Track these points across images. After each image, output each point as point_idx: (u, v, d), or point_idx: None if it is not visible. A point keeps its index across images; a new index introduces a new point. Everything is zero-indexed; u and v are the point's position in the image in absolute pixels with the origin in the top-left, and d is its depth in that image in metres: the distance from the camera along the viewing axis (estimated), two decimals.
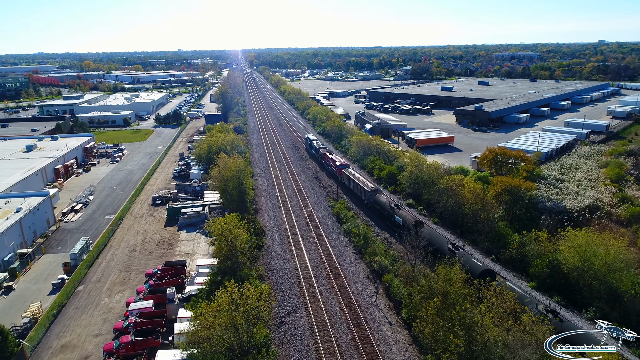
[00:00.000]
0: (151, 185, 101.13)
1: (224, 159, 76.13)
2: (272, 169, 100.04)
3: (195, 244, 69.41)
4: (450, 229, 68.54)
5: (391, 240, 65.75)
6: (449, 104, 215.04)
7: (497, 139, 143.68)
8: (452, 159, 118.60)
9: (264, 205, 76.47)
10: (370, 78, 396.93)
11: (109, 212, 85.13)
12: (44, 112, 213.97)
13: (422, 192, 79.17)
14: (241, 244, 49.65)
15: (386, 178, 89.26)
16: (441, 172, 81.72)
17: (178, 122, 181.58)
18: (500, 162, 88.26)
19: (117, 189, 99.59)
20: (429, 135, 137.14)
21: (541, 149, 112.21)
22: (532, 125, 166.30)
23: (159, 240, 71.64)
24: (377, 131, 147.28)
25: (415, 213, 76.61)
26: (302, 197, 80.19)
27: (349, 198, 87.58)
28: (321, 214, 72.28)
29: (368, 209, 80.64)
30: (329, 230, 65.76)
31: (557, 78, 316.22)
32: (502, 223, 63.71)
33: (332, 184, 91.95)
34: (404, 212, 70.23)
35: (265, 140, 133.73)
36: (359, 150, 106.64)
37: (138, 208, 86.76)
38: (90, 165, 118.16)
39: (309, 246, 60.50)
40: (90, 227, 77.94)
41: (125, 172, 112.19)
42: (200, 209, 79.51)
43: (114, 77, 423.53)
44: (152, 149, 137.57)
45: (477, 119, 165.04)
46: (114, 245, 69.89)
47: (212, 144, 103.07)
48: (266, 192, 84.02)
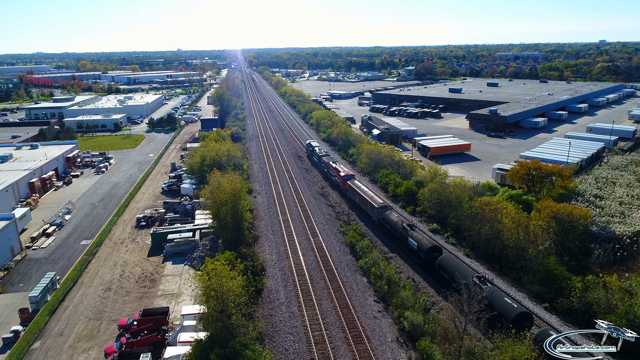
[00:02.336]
0: (137, 201, 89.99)
1: (217, 178, 64.99)
2: (273, 184, 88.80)
3: (183, 280, 58.29)
4: (487, 262, 57.53)
5: (411, 273, 54.97)
6: (458, 106, 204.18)
7: (516, 146, 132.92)
8: (470, 170, 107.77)
9: (264, 232, 65.27)
10: (372, 79, 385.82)
11: (86, 236, 74.00)
12: (31, 115, 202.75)
13: (448, 215, 68.13)
14: (235, 298, 38.57)
15: (403, 196, 78.15)
16: (469, 190, 70.63)
17: (172, 127, 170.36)
18: (533, 177, 77.32)
19: (99, 206, 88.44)
20: (444, 142, 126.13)
21: (571, 159, 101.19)
22: (551, 130, 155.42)
23: (139, 274, 60.50)
24: (385, 137, 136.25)
25: (429, 235, 65.83)
26: (308, 221, 68.98)
27: (354, 212, 77.32)
28: (332, 244, 61.06)
29: (376, 227, 70.63)
30: (342, 267, 54.59)
31: (567, 79, 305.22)
32: (551, 259, 52.65)
33: (341, 202, 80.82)
34: (419, 235, 59.96)
35: (265, 148, 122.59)
36: (370, 161, 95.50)
37: (119, 231, 75.60)
38: (72, 177, 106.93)
39: (320, 292, 48.98)
40: (62, 256, 66.78)
41: (110, 185, 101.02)
42: (190, 234, 68.39)
43: (110, 78, 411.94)
44: (142, 158, 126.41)
45: (492, 124, 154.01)
46: (86, 282, 58.74)
47: (206, 155, 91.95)
48: (266, 214, 72.77)
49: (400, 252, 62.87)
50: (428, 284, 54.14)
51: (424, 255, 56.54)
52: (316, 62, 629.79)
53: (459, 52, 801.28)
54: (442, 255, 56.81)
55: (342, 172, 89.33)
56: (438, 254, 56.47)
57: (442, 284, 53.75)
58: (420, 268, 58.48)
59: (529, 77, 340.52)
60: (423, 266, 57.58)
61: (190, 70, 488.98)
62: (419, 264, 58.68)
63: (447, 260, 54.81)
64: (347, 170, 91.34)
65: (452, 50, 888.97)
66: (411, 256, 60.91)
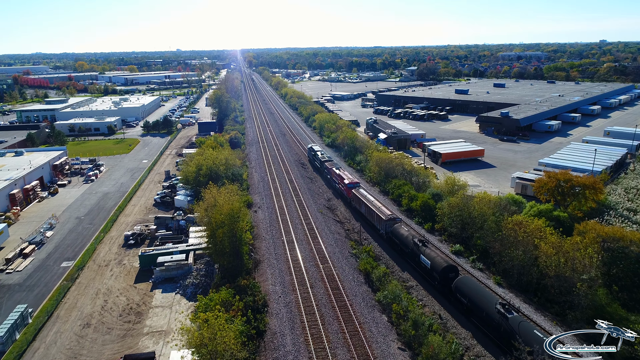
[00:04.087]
0: (127, 215, 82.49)
1: (213, 193, 57.52)
2: (275, 196, 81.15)
3: (173, 313, 50.84)
4: (522, 293, 50.09)
5: (434, 305, 47.72)
6: (466, 108, 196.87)
7: (531, 152, 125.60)
8: (486, 178, 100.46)
9: (266, 256, 57.62)
10: (374, 79, 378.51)
11: (68, 257, 66.54)
12: (22, 117, 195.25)
13: (472, 235, 60.69)
14: (231, 356, 31.08)
15: (419, 211, 70.62)
16: (493, 206, 63.19)
17: (168, 130, 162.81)
18: (563, 190, 69.92)
19: (85, 220, 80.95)
20: (455, 147, 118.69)
21: (596, 167, 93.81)
22: (565, 134, 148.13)
23: (124, 306, 53.01)
24: (393, 142, 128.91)
25: (443, 252, 58.59)
26: (315, 242, 61.32)
27: (360, 222, 70.75)
28: (344, 271, 53.43)
29: (384, 241, 64.63)
30: (357, 302, 46.99)
31: (574, 79, 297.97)
32: (601, 291, 45.28)
33: (350, 217, 73.29)
34: (432, 253, 53.70)
35: (266, 154, 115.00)
36: (380, 170, 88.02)
37: (105, 251, 68.09)
38: (59, 186, 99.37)
39: (334, 337, 40.60)
40: (38, 282, 59.32)
41: (98, 196, 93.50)
42: (183, 256, 60.92)
43: (107, 79, 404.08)
44: (136, 164, 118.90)
45: (504, 127, 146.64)
46: (62, 316, 51.25)
47: (202, 164, 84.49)
48: (268, 232, 65.07)
49: (411, 270, 57.10)
50: (450, 314, 46.97)
51: (439, 276, 50.63)
52: (316, 62, 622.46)
53: (460, 52, 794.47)
54: (459, 276, 50.90)
55: (347, 179, 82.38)
56: (454, 274, 50.60)
57: (459, 308, 48.11)
58: (432, 288, 52.83)
59: (534, 77, 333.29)
60: (437, 287, 51.85)
61: (189, 70, 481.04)
62: (433, 284, 52.84)
63: (466, 283, 48.48)
64: (352, 178, 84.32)
65: (453, 50, 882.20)
66: (423, 275, 55.03)
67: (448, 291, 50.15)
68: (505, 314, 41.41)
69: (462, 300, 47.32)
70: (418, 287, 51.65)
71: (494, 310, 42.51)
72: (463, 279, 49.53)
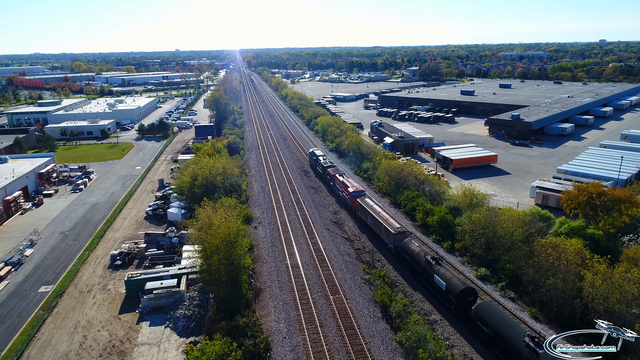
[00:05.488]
0: (115, 230, 75.78)
1: (208, 213, 50.80)
2: (277, 210, 74.30)
3: (161, 353, 44.13)
4: (563, 329, 43.41)
5: (464, 345, 41.18)
6: (472, 110, 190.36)
7: (546, 157, 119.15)
8: (501, 186, 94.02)
9: (268, 284, 50.79)
10: (376, 79, 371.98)
11: (47, 280, 59.88)
12: (13, 120, 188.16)
13: (500, 257, 54.07)
14: None
15: (436, 227, 63.99)
16: (521, 224, 56.62)
17: (164, 134, 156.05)
18: (595, 204, 63.36)
19: (70, 235, 74.26)
20: (467, 152, 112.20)
21: (621, 175, 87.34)
22: (579, 137, 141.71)
23: (105, 343, 46.29)
24: (399, 146, 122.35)
25: (459, 271, 52.04)
26: (323, 266, 54.39)
27: (368, 238, 64.93)
28: (358, 304, 46.56)
29: (393, 256, 59.30)
30: (375, 343, 40.19)
31: (581, 79, 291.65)
32: None
33: (361, 234, 66.53)
34: (447, 273, 48.08)
35: (267, 161, 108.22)
36: (390, 180, 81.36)
37: (89, 273, 61.38)
38: (44, 196, 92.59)
39: None
40: (11, 312, 52.61)
41: (86, 207, 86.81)
42: (174, 282, 54.26)
43: (104, 79, 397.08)
44: (128, 171, 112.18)
45: (515, 131, 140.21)
46: (33, 358, 44.51)
47: (197, 174, 77.78)
48: (270, 254, 58.12)
49: (422, 289, 51.81)
50: (480, 355, 40.47)
51: (456, 300, 45.18)
52: (316, 62, 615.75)
53: (460, 52, 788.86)
54: (479, 301, 45.47)
55: (351, 187, 76.10)
56: (473, 297, 45.23)
57: (479, 337, 42.69)
58: (447, 311, 47.43)
59: (539, 77, 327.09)
60: (454, 312, 46.42)
61: (187, 71, 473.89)
62: (448, 308, 47.34)
63: (488, 310, 42.81)
64: (357, 185, 77.98)
65: (454, 50, 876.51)
66: (436, 296, 49.52)
67: (466, 316, 45.18)
68: (535, 348, 35.90)
69: (484, 329, 41.98)
70: (443, 321, 44.96)
71: (522, 344, 37.12)
72: (484, 305, 43.96)
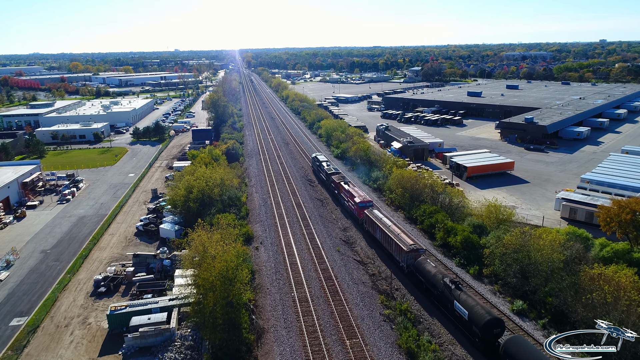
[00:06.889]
0: (102, 248, 68.70)
1: (202, 239, 43.70)
2: (280, 227, 67.11)
3: None
4: None
5: None
6: (481, 112, 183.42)
7: (564, 163, 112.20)
8: (521, 197, 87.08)
9: (272, 322, 43.50)
10: (378, 80, 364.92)
11: (21, 310, 52.88)
12: (3, 123, 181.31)
13: (539, 288, 47.05)
14: None
15: (460, 248, 56.99)
16: (561, 249, 49.66)
17: (160, 138, 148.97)
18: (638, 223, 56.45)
19: (52, 254, 67.19)
20: (481, 159, 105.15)
21: None
22: (596, 141, 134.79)
23: None
24: (409, 152, 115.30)
25: (485, 299, 44.94)
26: (336, 300, 46.88)
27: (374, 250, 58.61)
28: (379, 349, 38.92)
29: (405, 275, 53.72)
30: None
31: (588, 80, 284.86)
32: None
33: (374, 256, 59.41)
34: (469, 300, 42.32)
35: (268, 169, 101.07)
36: (404, 192, 74.27)
37: (68, 302, 54.32)
38: (27, 208, 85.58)
39: None
40: None
41: (72, 221, 79.76)
42: (164, 316, 47.18)
43: (101, 80, 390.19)
44: (120, 179, 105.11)
45: (529, 135, 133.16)
46: None
47: (192, 186, 70.75)
48: (274, 283, 50.72)
49: (439, 315, 46.01)
50: None
51: (480, 332, 39.58)
52: (316, 62, 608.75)
53: (461, 51, 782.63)
54: (510, 335, 40.04)
55: (358, 197, 69.51)
56: (500, 329, 39.96)
57: None
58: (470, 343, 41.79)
59: (544, 78, 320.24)
60: (477, 345, 40.82)
61: (186, 71, 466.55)
62: (472, 340, 41.58)
63: (521, 347, 36.91)
64: (364, 195, 71.33)
65: (454, 50, 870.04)
66: (455, 323, 43.79)
67: (491, 350, 39.72)
68: None
69: None
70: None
71: None
72: (515, 340, 38.04)
